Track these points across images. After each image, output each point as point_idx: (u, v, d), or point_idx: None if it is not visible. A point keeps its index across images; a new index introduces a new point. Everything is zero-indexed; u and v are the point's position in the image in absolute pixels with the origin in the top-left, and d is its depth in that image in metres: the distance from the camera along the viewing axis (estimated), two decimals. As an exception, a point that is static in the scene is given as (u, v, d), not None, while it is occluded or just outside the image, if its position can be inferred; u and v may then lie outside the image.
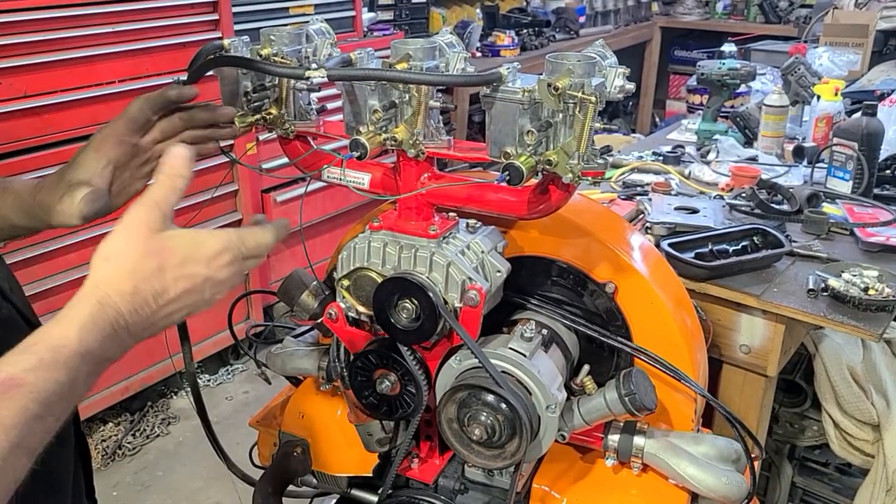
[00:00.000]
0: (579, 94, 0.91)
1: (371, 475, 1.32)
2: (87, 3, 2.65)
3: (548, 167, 0.97)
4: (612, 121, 6.20)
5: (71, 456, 0.93)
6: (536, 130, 0.96)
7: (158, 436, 3.15)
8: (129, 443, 3.07)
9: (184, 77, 1.15)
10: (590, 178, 0.96)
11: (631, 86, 0.97)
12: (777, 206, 1.99)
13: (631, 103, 6.66)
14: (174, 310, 0.74)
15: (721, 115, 2.73)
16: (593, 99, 0.91)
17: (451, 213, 1.15)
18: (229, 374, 3.53)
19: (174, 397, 3.35)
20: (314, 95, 1.23)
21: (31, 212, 0.98)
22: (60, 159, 2.64)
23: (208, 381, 3.46)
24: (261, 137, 3.09)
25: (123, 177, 1.03)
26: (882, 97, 2.72)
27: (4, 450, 0.59)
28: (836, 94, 2.58)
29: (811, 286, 1.60)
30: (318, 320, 1.29)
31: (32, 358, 0.62)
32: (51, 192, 0.95)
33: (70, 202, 0.93)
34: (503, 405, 1.03)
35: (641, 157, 2.49)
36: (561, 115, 0.95)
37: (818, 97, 2.62)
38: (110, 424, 3.11)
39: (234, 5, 3.13)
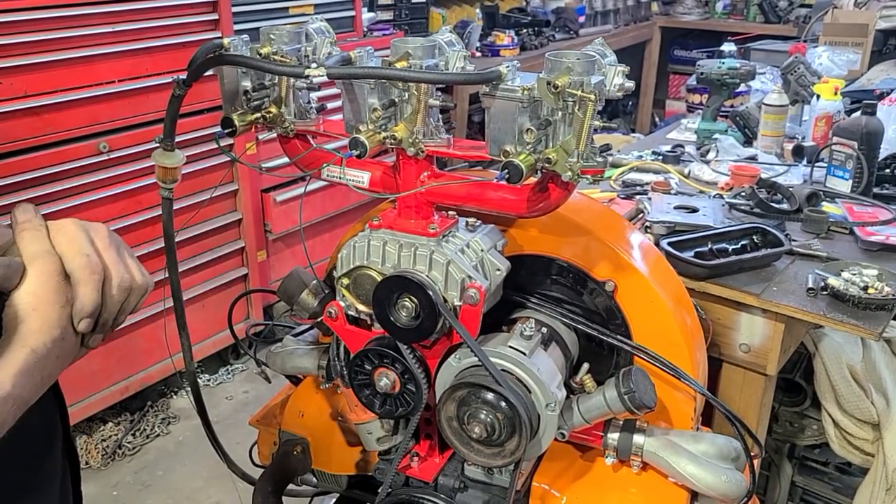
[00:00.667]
0: (578, 93, 0.92)
1: (371, 474, 1.32)
2: (86, 2, 2.65)
3: (547, 165, 0.97)
4: (612, 120, 6.20)
5: (57, 461, 0.92)
6: (536, 129, 0.96)
7: (158, 435, 3.15)
8: (129, 442, 3.07)
9: (184, 76, 1.15)
10: (589, 176, 0.96)
11: (630, 84, 0.97)
12: (777, 206, 1.99)
13: (631, 103, 6.66)
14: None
15: (721, 114, 2.73)
16: (592, 97, 0.91)
17: (451, 212, 1.15)
18: (229, 373, 3.53)
19: (174, 397, 3.35)
20: (314, 94, 1.23)
21: None
22: (60, 159, 2.65)
23: (208, 380, 3.46)
24: (261, 137, 3.10)
25: None
26: (881, 96, 2.73)
27: None
28: (835, 94, 2.58)
29: (811, 285, 1.60)
30: (318, 319, 1.29)
31: None
32: None
33: None
34: (503, 403, 1.03)
35: (641, 156, 2.49)
36: (560, 114, 0.95)
37: (818, 96, 2.62)
38: (110, 424, 3.11)
39: (233, 5, 3.13)
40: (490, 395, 1.04)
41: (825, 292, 1.59)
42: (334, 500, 1.54)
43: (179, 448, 3.08)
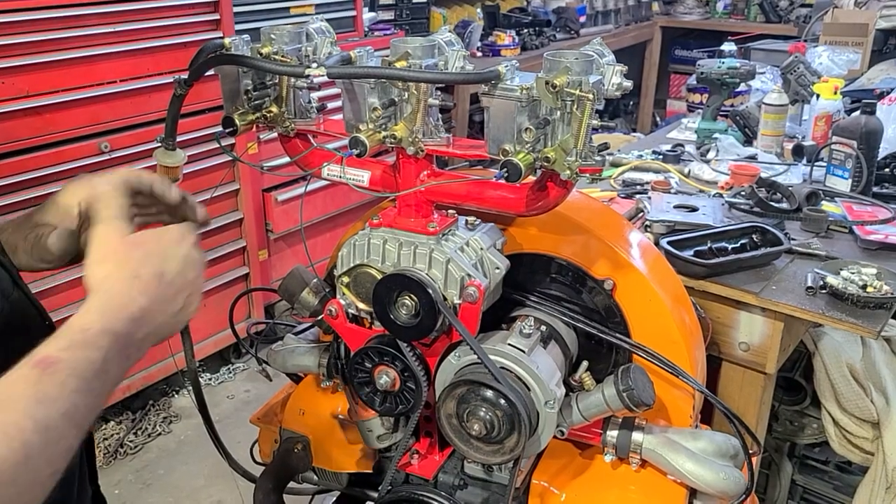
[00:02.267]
0: (577, 92, 0.92)
1: (371, 471, 1.33)
2: (87, 2, 2.66)
3: (546, 164, 0.98)
4: (613, 120, 6.20)
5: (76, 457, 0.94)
6: (534, 128, 0.97)
7: (160, 434, 3.15)
8: (130, 441, 3.08)
9: (185, 76, 1.16)
10: (587, 174, 0.97)
11: (629, 83, 0.98)
12: (776, 205, 2.00)
13: (632, 103, 6.66)
14: (176, 291, 0.81)
15: (721, 113, 2.74)
16: (591, 96, 0.92)
17: (451, 211, 1.16)
18: (230, 372, 3.54)
19: (175, 396, 3.36)
20: (314, 94, 1.24)
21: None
22: (61, 159, 2.65)
23: (209, 379, 3.46)
24: (262, 137, 3.10)
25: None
26: (881, 96, 2.73)
27: (53, 419, 0.65)
28: (835, 93, 2.59)
29: (810, 284, 1.61)
30: (319, 317, 1.29)
31: (63, 340, 0.70)
32: (16, 231, 0.97)
33: (36, 241, 0.95)
34: (502, 401, 1.04)
35: (641, 155, 2.49)
36: (559, 113, 0.96)
37: (818, 96, 2.63)
38: (112, 423, 3.12)
39: (234, 5, 3.13)
40: (489, 393, 1.04)
41: (824, 291, 1.59)
42: (335, 497, 1.55)
43: (181, 447, 3.09)
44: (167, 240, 0.84)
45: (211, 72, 1.16)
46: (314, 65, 1.03)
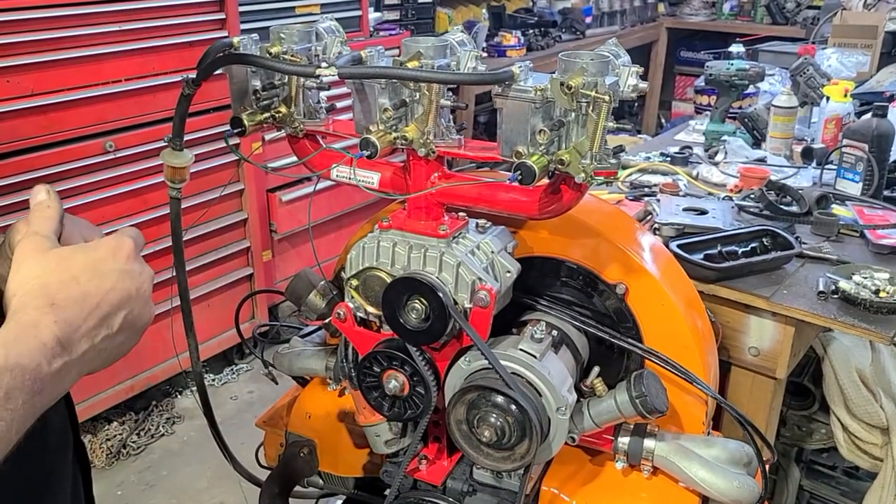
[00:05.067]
0: (592, 93, 0.91)
1: (378, 477, 1.31)
2: (93, 1, 2.65)
3: (560, 167, 0.96)
4: (618, 121, 6.18)
5: (69, 463, 0.92)
6: (549, 129, 0.95)
7: (163, 435, 3.14)
8: (133, 442, 3.07)
9: (193, 75, 1.14)
10: (602, 177, 0.95)
11: (644, 85, 0.97)
12: (786, 208, 1.98)
13: (636, 104, 6.64)
14: (107, 313, 0.71)
15: (729, 115, 2.72)
16: (607, 98, 0.90)
17: (461, 213, 1.14)
18: (234, 373, 3.52)
19: (179, 397, 3.35)
20: (323, 94, 1.23)
21: None
22: (66, 158, 2.64)
23: (213, 380, 3.45)
24: (267, 137, 3.09)
25: None
26: (892, 98, 2.72)
27: None
28: (845, 96, 2.57)
29: (821, 288, 1.59)
30: (326, 320, 1.28)
31: None
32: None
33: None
34: (513, 407, 1.02)
35: (649, 157, 2.48)
36: (574, 115, 0.94)
37: (827, 98, 2.61)
38: (115, 423, 3.10)
39: (240, 4, 3.13)
40: (500, 399, 1.03)
41: (836, 296, 1.58)
42: (341, 502, 1.53)
43: (184, 448, 3.08)
44: (97, 256, 0.73)
45: (219, 71, 1.15)
46: (324, 65, 1.02)
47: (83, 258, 0.72)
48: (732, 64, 2.65)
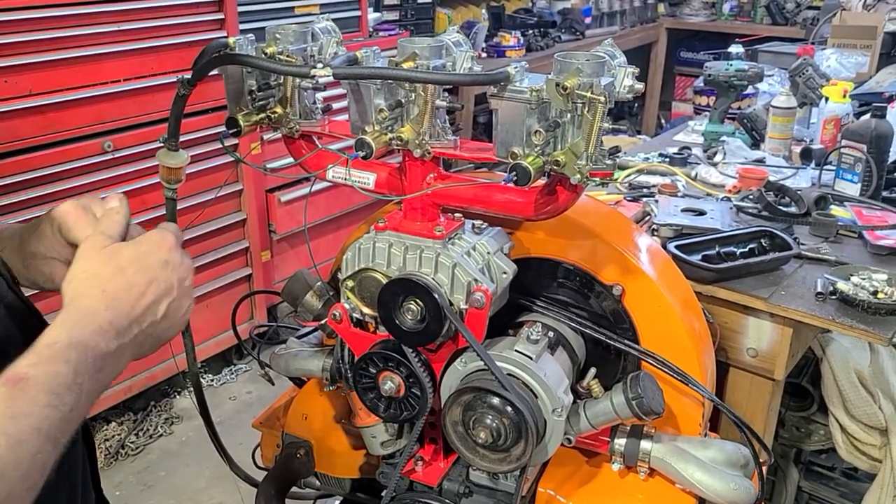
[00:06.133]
0: (588, 94, 0.90)
1: (375, 478, 1.31)
2: (92, 1, 2.65)
3: (555, 168, 0.96)
4: (618, 122, 6.17)
5: (80, 451, 0.94)
6: (544, 130, 0.95)
7: (161, 435, 3.14)
8: (131, 442, 3.06)
9: (188, 76, 1.14)
10: (598, 178, 0.95)
11: (640, 86, 0.96)
12: (785, 209, 1.97)
13: (636, 105, 6.63)
14: (152, 301, 0.80)
15: (728, 116, 2.72)
16: (602, 99, 0.90)
17: (457, 214, 1.14)
18: (233, 374, 3.52)
19: (177, 397, 3.35)
20: (319, 94, 1.22)
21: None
22: (65, 158, 2.64)
23: (211, 381, 3.45)
24: (265, 137, 3.09)
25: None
26: (891, 99, 2.71)
27: (25, 434, 0.65)
28: (844, 96, 2.56)
29: (819, 289, 1.59)
30: (323, 321, 1.28)
31: (32, 357, 0.69)
32: (14, 255, 0.95)
33: (39, 273, 0.94)
34: (509, 408, 1.02)
35: (647, 158, 2.48)
36: (569, 115, 0.94)
37: (826, 99, 2.60)
38: (113, 424, 3.10)
39: (239, 4, 3.12)
40: (496, 400, 1.03)
41: (834, 297, 1.57)
42: (337, 503, 1.53)
43: (182, 448, 3.08)
44: (142, 250, 0.82)
45: (215, 71, 1.15)
46: (320, 65, 1.02)
47: (130, 252, 0.81)
48: (731, 64, 2.65)
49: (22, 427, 0.65)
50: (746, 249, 1.76)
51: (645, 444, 1.14)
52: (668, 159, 2.45)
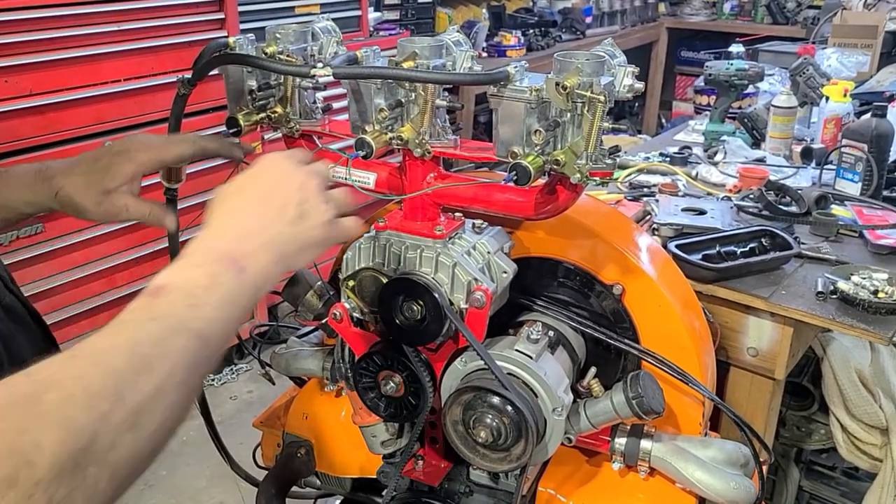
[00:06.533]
0: (588, 94, 0.90)
1: (375, 477, 1.31)
2: (92, 1, 2.65)
3: (555, 167, 0.96)
4: (618, 121, 6.17)
5: None
6: (544, 130, 0.95)
7: (162, 435, 3.14)
8: (132, 442, 3.07)
9: (188, 76, 1.14)
10: (598, 178, 0.95)
11: (640, 85, 0.96)
12: (785, 208, 1.97)
13: (637, 104, 6.63)
14: (265, 196, 0.84)
15: (728, 115, 2.72)
16: (602, 98, 0.90)
17: (457, 214, 1.14)
18: (233, 373, 3.52)
19: (178, 396, 3.35)
20: (319, 94, 1.22)
21: (39, 200, 1.06)
22: (64, 157, 2.63)
23: (212, 380, 3.45)
24: (266, 137, 3.09)
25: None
26: (891, 98, 2.71)
27: (167, 330, 0.66)
28: (844, 96, 2.56)
29: (820, 289, 1.59)
30: (323, 321, 1.28)
31: (169, 269, 0.73)
32: (80, 192, 1.04)
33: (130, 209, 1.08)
34: (509, 408, 1.02)
35: (648, 157, 2.48)
36: (569, 115, 0.94)
37: (827, 98, 2.60)
38: (114, 423, 3.10)
39: (239, 4, 3.12)
40: (496, 400, 1.03)
41: (834, 296, 1.57)
42: (338, 502, 1.53)
43: (183, 448, 3.07)
44: (259, 166, 0.89)
45: (215, 71, 1.15)
46: (320, 65, 1.02)
47: (248, 172, 0.89)
48: (732, 64, 2.65)
49: (164, 326, 0.66)
50: (747, 249, 1.76)
51: (645, 444, 1.14)
52: (668, 159, 2.45)
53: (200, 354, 0.67)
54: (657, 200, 2.03)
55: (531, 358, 1.06)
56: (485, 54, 4.84)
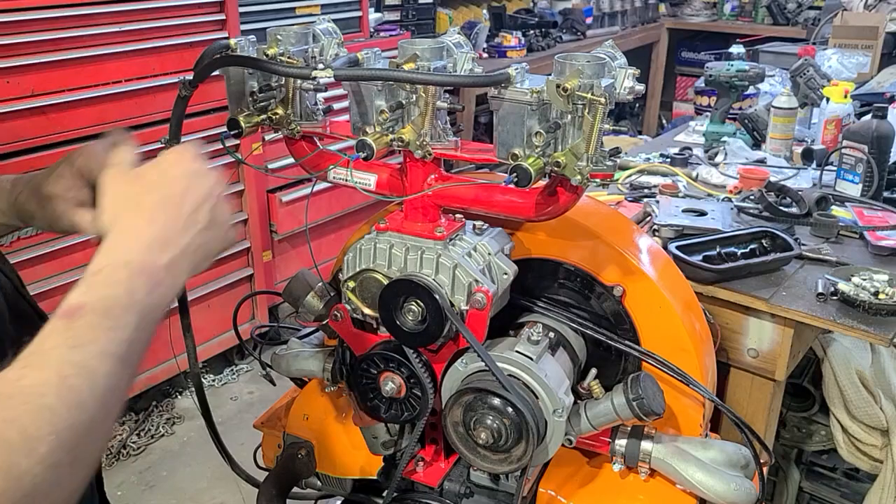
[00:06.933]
0: (588, 96, 0.91)
1: (376, 478, 1.31)
2: (94, 2, 2.65)
3: (556, 169, 0.96)
4: (619, 122, 6.18)
5: None
6: (545, 132, 0.95)
7: (163, 436, 3.14)
8: (133, 442, 3.07)
9: (190, 77, 1.14)
10: (598, 179, 0.95)
11: (641, 87, 0.96)
12: (786, 209, 1.97)
13: (637, 105, 6.63)
14: (191, 209, 0.79)
15: (729, 116, 2.72)
16: (602, 100, 0.90)
17: (458, 215, 1.14)
18: (234, 374, 3.52)
19: (179, 397, 3.35)
20: (320, 95, 1.23)
21: (2, 209, 1.01)
22: (66, 159, 2.64)
23: (213, 381, 3.45)
24: (267, 137, 3.09)
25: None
26: (892, 99, 2.71)
27: (91, 359, 0.64)
28: (845, 97, 2.56)
29: (820, 290, 1.59)
30: (324, 322, 1.28)
31: (82, 286, 0.69)
32: (29, 197, 0.98)
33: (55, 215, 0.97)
34: (510, 409, 1.02)
35: (649, 158, 2.48)
36: (570, 117, 0.94)
37: (827, 99, 2.60)
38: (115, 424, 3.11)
39: (240, 5, 3.12)
40: (497, 401, 1.03)
41: (835, 297, 1.57)
42: (339, 503, 1.53)
43: (184, 448, 3.08)
44: (165, 164, 0.82)
45: (216, 72, 1.15)
46: (321, 66, 1.02)
47: (154, 171, 0.81)
48: (732, 65, 2.65)
49: (88, 354, 0.64)
50: (747, 250, 1.76)
51: (646, 445, 1.15)
52: (668, 160, 2.45)
53: (123, 376, 0.66)
54: (657, 201, 2.03)
55: (532, 359, 1.07)
56: (485, 55, 4.84)
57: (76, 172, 0.88)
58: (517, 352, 1.08)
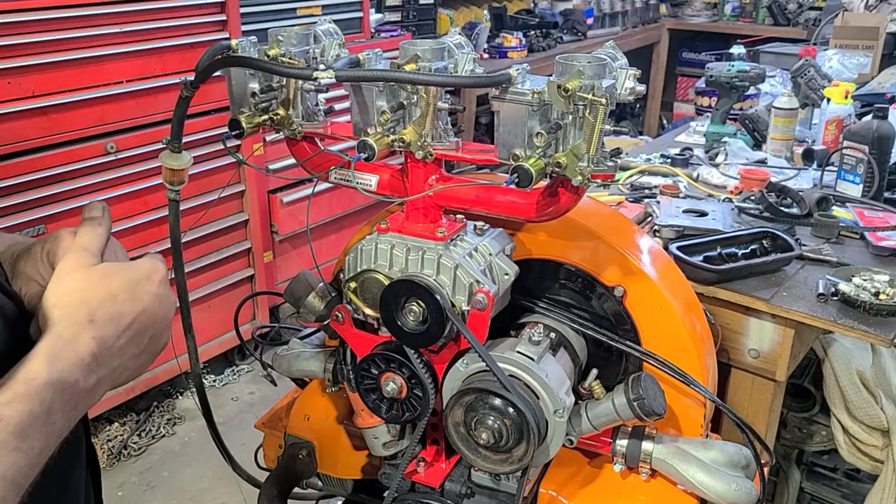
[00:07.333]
0: (589, 96, 0.91)
1: (377, 479, 1.31)
2: (95, 3, 2.65)
3: (557, 170, 0.96)
4: (620, 123, 6.18)
5: (83, 471, 0.93)
6: (546, 132, 0.95)
7: (164, 436, 3.14)
8: (134, 443, 3.07)
9: (191, 78, 1.14)
10: (599, 180, 0.95)
11: (641, 88, 0.96)
12: (786, 210, 1.97)
13: (638, 105, 6.63)
14: (137, 332, 0.74)
15: (730, 117, 2.72)
16: (603, 101, 0.90)
17: (459, 216, 1.14)
18: (235, 374, 3.53)
19: (180, 397, 3.35)
20: (322, 96, 1.23)
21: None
22: (68, 159, 2.64)
23: (214, 381, 3.46)
24: (268, 138, 3.09)
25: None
26: (892, 100, 2.71)
27: None
28: (845, 97, 2.56)
29: (821, 290, 1.59)
30: (325, 322, 1.28)
31: (7, 393, 0.64)
32: (11, 275, 0.88)
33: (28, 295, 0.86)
34: (511, 409, 1.02)
35: (649, 159, 2.48)
36: (570, 117, 0.95)
37: (828, 100, 2.61)
38: (116, 424, 3.11)
39: (241, 6, 3.13)
40: (498, 401, 1.03)
41: (836, 298, 1.57)
42: (339, 503, 1.53)
43: (185, 449, 3.08)
44: (135, 278, 0.75)
45: (218, 73, 1.15)
46: (322, 67, 1.02)
47: (122, 277, 0.74)
48: (733, 65, 2.65)
49: None
50: (748, 250, 1.76)
51: (646, 445, 1.15)
52: (669, 160, 2.45)
53: (14, 501, 0.62)
54: (658, 202, 2.03)
55: (533, 360, 1.07)
56: (486, 56, 4.84)
57: (45, 255, 0.81)
58: (518, 352, 1.08)
